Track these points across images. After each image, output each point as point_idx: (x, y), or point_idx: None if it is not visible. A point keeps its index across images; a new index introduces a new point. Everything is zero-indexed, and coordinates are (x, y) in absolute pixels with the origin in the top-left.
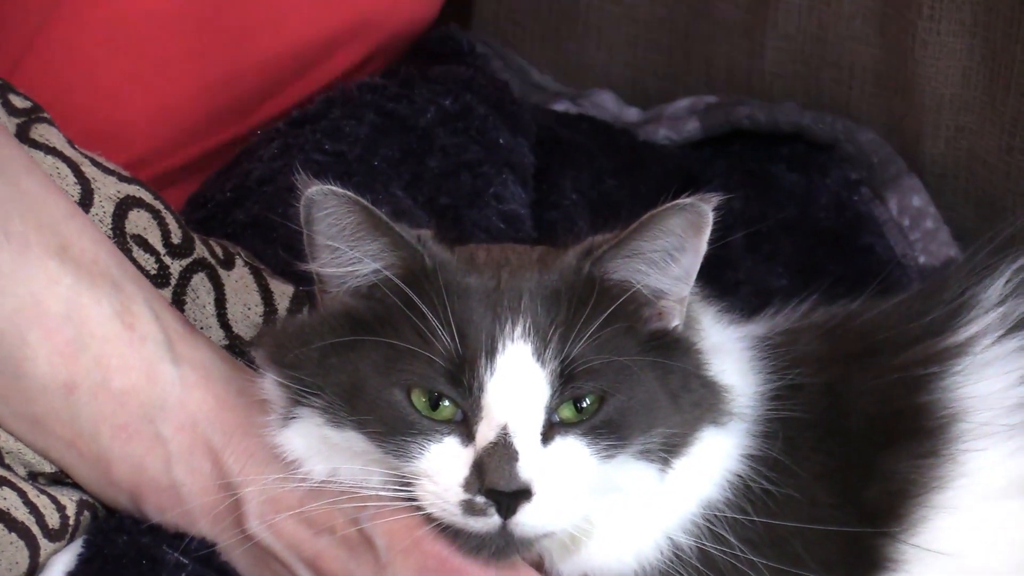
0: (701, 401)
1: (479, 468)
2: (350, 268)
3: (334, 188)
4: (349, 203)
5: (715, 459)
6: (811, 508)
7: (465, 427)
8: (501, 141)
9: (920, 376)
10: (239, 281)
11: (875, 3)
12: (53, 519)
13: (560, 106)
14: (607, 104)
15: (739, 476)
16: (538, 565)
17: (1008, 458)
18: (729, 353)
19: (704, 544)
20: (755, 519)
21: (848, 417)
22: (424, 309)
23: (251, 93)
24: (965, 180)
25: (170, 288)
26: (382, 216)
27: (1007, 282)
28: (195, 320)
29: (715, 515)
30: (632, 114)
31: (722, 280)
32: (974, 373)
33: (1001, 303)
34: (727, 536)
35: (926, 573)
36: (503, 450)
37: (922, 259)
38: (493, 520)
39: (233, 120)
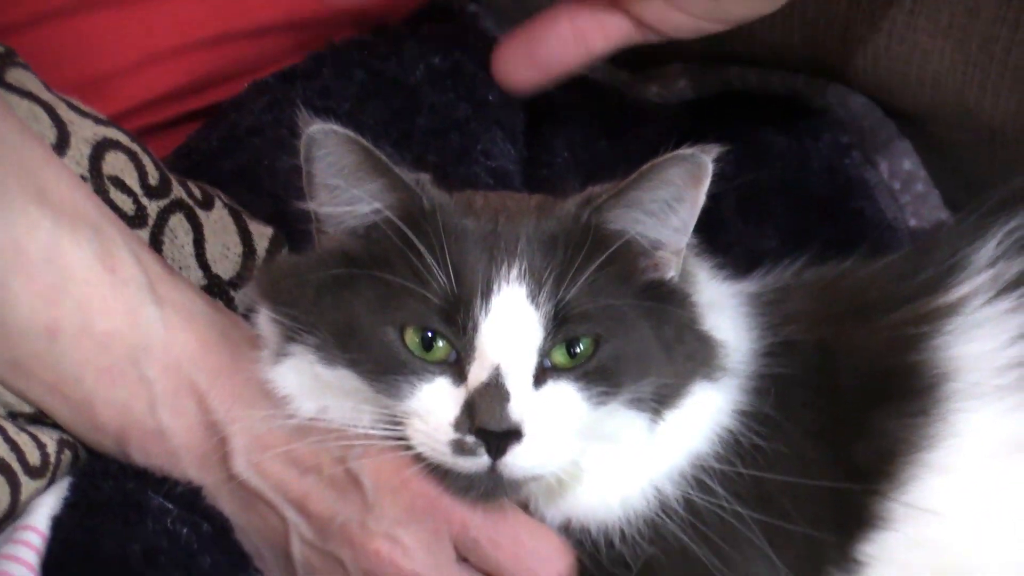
0: (695, 354)
1: (470, 408)
2: (348, 207)
3: (335, 127)
4: (349, 142)
5: (706, 413)
6: (800, 464)
7: (457, 367)
8: (490, 98)
9: (911, 335)
10: (217, 222)
11: None
12: (33, 456)
13: None
14: (598, 65)
15: (729, 431)
16: (523, 508)
17: (999, 418)
18: (724, 309)
19: (691, 495)
20: (744, 473)
21: (839, 375)
22: (421, 249)
23: (242, 59)
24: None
25: (148, 229)
26: (381, 156)
27: (998, 244)
28: (173, 260)
29: (703, 468)
30: (623, 75)
31: (713, 242)
32: (965, 333)
33: (992, 264)
34: (715, 488)
35: (916, 532)
36: (495, 390)
37: (912, 222)
38: (482, 460)
39: (220, 85)
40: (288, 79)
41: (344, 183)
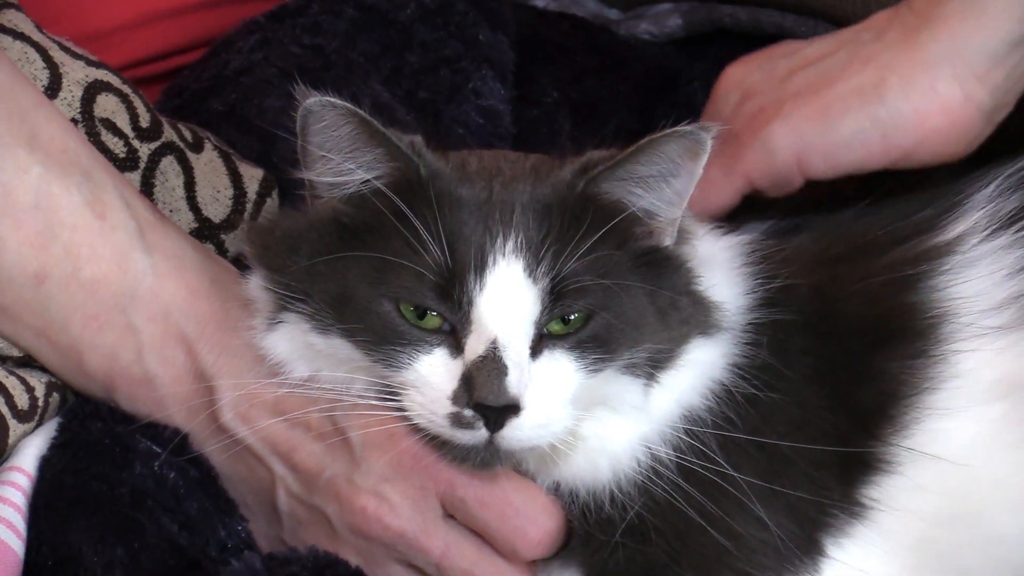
0: (689, 319)
1: (468, 381)
2: (344, 177)
3: (332, 99)
4: (346, 114)
5: (699, 369)
6: (800, 411)
7: (454, 338)
8: (480, 37)
9: (908, 275)
10: (208, 164)
11: None
12: (22, 400)
13: (540, 2)
14: (587, 4)
15: (723, 384)
16: (515, 469)
17: (997, 357)
18: (719, 264)
19: (684, 453)
20: (738, 424)
21: (837, 318)
22: (415, 221)
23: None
24: None
25: (139, 171)
26: (378, 126)
27: (997, 186)
28: (164, 203)
29: (696, 423)
30: (613, 13)
31: None
32: (962, 272)
33: (989, 202)
34: (708, 443)
35: (920, 476)
36: (492, 364)
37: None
38: (480, 433)
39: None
40: (277, 17)
41: (340, 154)
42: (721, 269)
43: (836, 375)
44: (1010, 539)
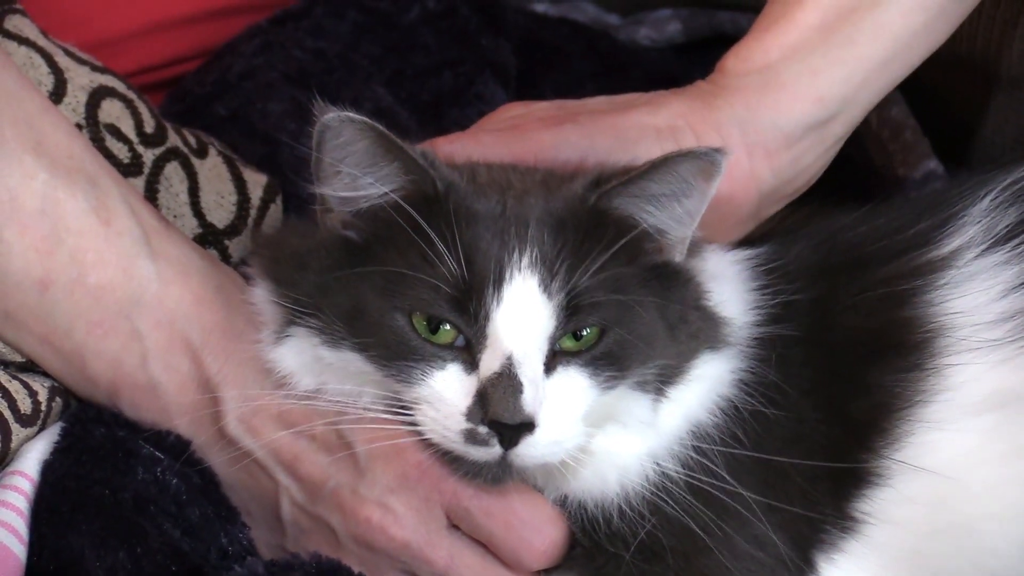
0: (698, 333)
1: (483, 398)
2: (360, 192)
3: (350, 115)
4: (364, 128)
5: (707, 384)
6: (798, 425)
7: (468, 354)
8: (483, 42)
9: (904, 290)
10: (212, 170)
11: None
12: (25, 404)
13: (540, 7)
14: (587, 10)
15: (729, 400)
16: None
17: (990, 371)
18: (726, 279)
19: (691, 469)
20: (743, 440)
21: (834, 331)
22: (431, 234)
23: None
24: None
25: (143, 177)
26: (395, 140)
27: (993, 198)
28: (168, 209)
29: (703, 439)
30: (613, 19)
31: None
32: (957, 287)
33: (985, 217)
34: (714, 459)
35: (911, 488)
36: (508, 381)
37: (901, 171)
38: (494, 450)
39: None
40: (279, 21)
41: (357, 169)
42: (730, 284)
43: (832, 388)
44: (1001, 550)
